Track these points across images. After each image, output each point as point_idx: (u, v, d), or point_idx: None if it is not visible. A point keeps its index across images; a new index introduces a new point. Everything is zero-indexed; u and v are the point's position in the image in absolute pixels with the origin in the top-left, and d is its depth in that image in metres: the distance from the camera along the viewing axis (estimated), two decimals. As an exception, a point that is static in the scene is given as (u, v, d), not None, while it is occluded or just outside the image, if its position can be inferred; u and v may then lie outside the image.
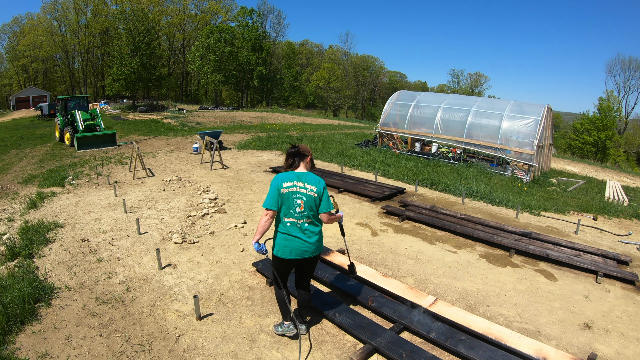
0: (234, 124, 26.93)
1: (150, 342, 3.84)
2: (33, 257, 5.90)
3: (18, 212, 8.31)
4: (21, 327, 4.17)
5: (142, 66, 39.17)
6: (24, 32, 63.99)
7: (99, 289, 4.92)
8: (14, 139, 22.38)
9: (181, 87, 68.83)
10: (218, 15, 65.58)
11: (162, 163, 13.00)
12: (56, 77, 67.55)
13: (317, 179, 3.41)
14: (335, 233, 6.45)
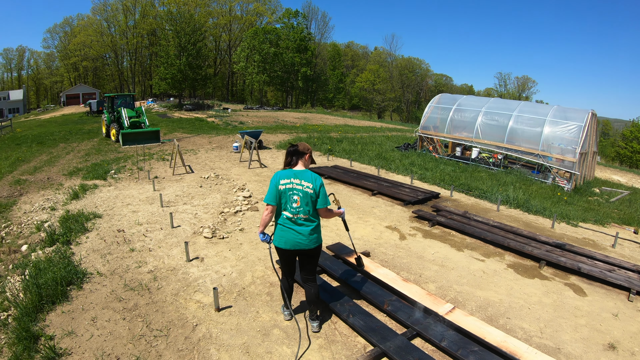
0: (277, 124, 27.77)
1: (168, 329, 4.06)
2: (70, 244, 6.45)
3: (61, 202, 9.10)
4: (52, 306, 4.58)
5: (188, 66, 41.48)
6: (75, 32, 70.64)
7: (128, 277, 5.27)
8: (62, 133, 24.54)
9: (227, 87, 72.41)
10: (263, 16, 68.91)
11: (202, 160, 13.66)
12: (105, 75, 73.58)
13: (314, 176, 3.72)
14: (363, 235, 6.58)
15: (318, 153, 14.45)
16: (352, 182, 9.78)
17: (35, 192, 10.23)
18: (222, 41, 69.26)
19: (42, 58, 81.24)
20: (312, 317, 4.04)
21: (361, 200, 8.66)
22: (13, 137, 22.70)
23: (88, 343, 3.92)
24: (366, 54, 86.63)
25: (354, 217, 7.57)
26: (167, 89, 43.79)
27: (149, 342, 3.87)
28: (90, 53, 66.98)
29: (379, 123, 39.08)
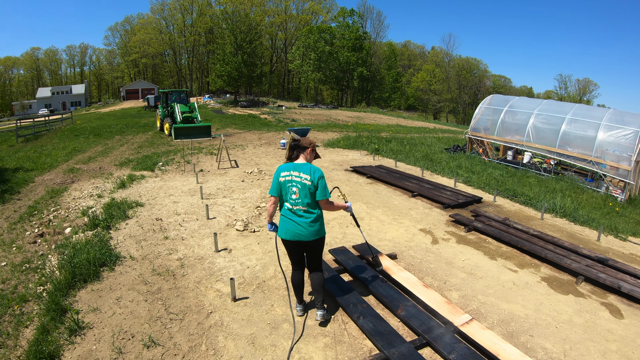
0: (328, 123, 28.43)
1: (184, 313, 4.35)
2: (110, 229, 7.10)
3: (108, 190, 10.02)
4: (84, 284, 5.10)
5: (244, 64, 44.77)
6: (135, 30, 78.40)
7: (158, 262, 5.70)
8: (119, 126, 26.91)
9: (282, 85, 76.44)
10: (319, 15, 72.68)
11: (249, 156, 14.31)
12: (164, 72, 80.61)
13: (314, 169, 3.97)
14: (394, 237, 6.60)
15: (365, 152, 14.65)
16: (394, 182, 9.86)
17: (86, 180, 11.35)
18: (278, 39, 73.46)
19: (104, 55, 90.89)
20: (316, 305, 4.21)
21: (399, 202, 8.62)
22: (72, 129, 25.28)
23: (109, 320, 4.32)
24: (423, 53, 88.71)
25: (388, 217, 7.54)
26: (223, 86, 47.04)
27: (164, 324, 4.17)
28: (150, 50, 73.89)
29: (432, 124, 39.17)
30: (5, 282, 5.46)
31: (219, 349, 3.76)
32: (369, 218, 7.46)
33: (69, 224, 7.62)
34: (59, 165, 13.65)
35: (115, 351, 3.81)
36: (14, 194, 10.00)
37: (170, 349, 3.79)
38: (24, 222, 7.93)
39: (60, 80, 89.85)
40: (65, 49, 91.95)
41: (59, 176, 12.00)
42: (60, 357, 3.82)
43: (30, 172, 12.55)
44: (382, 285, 4.74)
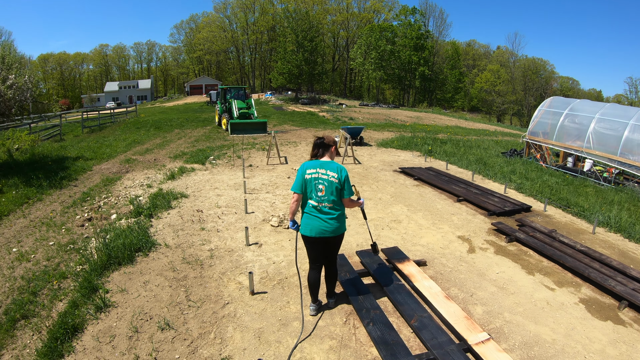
0: (386, 122, 28.75)
1: (203, 302, 4.66)
2: (152, 218, 7.73)
3: (158, 181, 10.85)
4: (118, 267, 5.65)
5: (305, 61, 46.95)
6: (199, 28, 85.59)
7: (189, 252, 6.13)
8: (180, 120, 28.84)
9: (344, 83, 79.91)
10: (380, 13, 75.64)
11: (300, 153, 14.76)
12: (227, 69, 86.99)
13: (340, 167, 4.22)
14: (429, 242, 6.55)
15: (418, 153, 14.55)
16: (440, 185, 9.76)
17: (139, 171, 12.38)
18: (340, 38, 77.42)
19: (170, 51, 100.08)
20: (328, 294, 4.64)
21: (443, 206, 8.48)
22: (135, 122, 27.53)
23: (133, 301, 4.76)
24: (488, 53, 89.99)
25: (428, 222, 7.45)
26: (284, 83, 49.67)
27: (181, 310, 4.52)
28: (213, 47, 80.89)
29: (493, 126, 38.43)
30: (50, 260, 6.20)
31: (226, 338, 4.01)
32: (407, 221, 7.42)
33: (116, 211, 8.40)
34: (117, 156, 15.00)
35: (132, 330, 4.20)
36: (72, 181, 11.18)
37: (182, 334, 4.10)
38: (76, 207, 8.87)
39: (127, 76, 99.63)
40: (133, 46, 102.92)
41: (116, 166, 13.19)
42: (83, 330, 4.30)
43: (89, 161, 13.93)
44: (402, 293, 4.75)
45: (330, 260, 4.44)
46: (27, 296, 5.15)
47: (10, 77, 10.88)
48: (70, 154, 14.98)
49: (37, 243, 6.96)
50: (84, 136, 21.77)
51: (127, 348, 3.97)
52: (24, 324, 4.69)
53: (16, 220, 8.23)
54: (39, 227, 7.69)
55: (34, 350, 4.13)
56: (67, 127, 25.93)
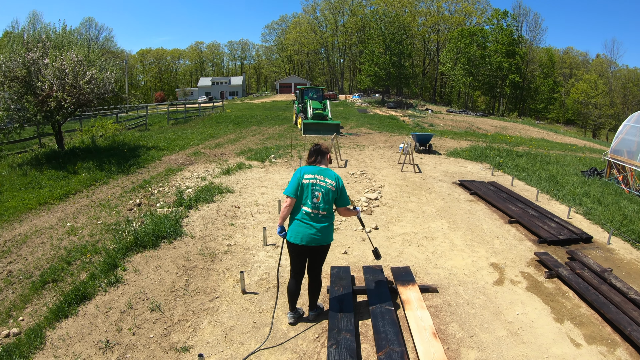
0: (467, 131, 28.03)
1: (197, 293, 5.22)
2: (190, 209, 8.59)
3: (213, 175, 11.85)
4: (142, 250, 6.47)
5: (392, 64, 48.22)
6: (290, 28, 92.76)
7: (209, 245, 6.79)
8: (261, 117, 30.57)
9: (434, 88, 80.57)
10: (472, 16, 76.06)
11: (364, 157, 15.06)
12: (317, 69, 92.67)
13: (336, 175, 4.36)
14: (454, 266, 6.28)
15: (487, 165, 13.96)
16: (495, 203, 9.21)
17: (202, 164, 13.57)
18: (431, 42, 78.92)
19: (262, 50, 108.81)
20: (310, 307, 4.71)
21: (490, 226, 8.06)
22: (219, 117, 29.73)
23: (140, 281, 5.49)
24: (586, 61, 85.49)
25: (464, 243, 7.18)
26: (370, 85, 50.91)
27: (176, 296, 5.12)
28: (303, 48, 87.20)
29: (584, 142, 35.32)
30: (92, 236, 7.25)
31: (198, 329, 4.49)
32: (442, 240, 7.27)
33: (163, 200, 9.41)
34: (189, 148, 16.52)
35: (127, 306, 4.90)
36: (139, 168, 12.64)
37: (165, 317, 4.69)
38: (133, 192, 10.09)
39: (222, 72, 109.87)
40: (227, 44, 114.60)
41: (183, 157, 14.58)
42: (91, 299, 5.12)
43: (162, 151, 15.54)
44: (385, 319, 4.60)
45: (315, 272, 4.51)
46: (62, 264, 6.16)
47: (88, 73, 12.61)
48: (146, 143, 16.80)
49: (88, 221, 8.13)
50: (167, 127, 24.13)
51: (115, 320, 4.66)
52: (51, 286, 5.65)
53: (80, 199, 9.62)
54: (95, 207, 8.94)
55: (47, 308, 4.99)
56: (156, 118, 28.82)
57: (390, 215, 8.47)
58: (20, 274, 6.04)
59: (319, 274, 4.58)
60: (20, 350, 4.22)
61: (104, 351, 4.18)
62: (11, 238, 7.31)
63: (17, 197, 9.40)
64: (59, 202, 9.32)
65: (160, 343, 4.25)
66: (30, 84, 12.18)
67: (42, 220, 8.18)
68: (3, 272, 6.13)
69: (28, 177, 10.85)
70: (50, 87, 12.04)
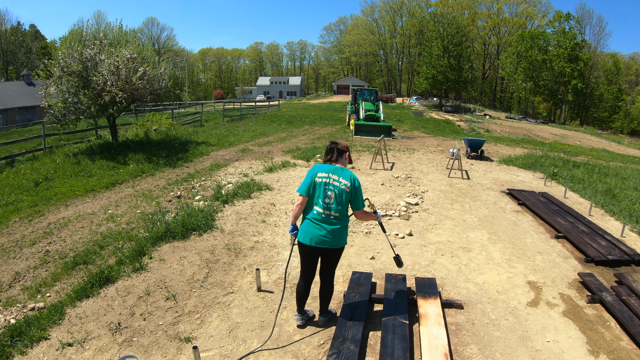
0: (523, 138, 27.17)
1: (213, 286, 5.35)
2: (226, 204, 8.83)
3: (256, 172, 12.11)
4: (171, 240, 6.75)
5: (450, 67, 47.87)
6: (348, 30, 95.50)
7: (236, 240, 6.95)
8: (315, 117, 30.87)
9: (493, 93, 79.55)
10: (533, 19, 75.06)
11: (412, 161, 14.82)
12: (375, 70, 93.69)
13: (353, 176, 4.18)
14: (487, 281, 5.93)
15: (540, 175, 13.18)
16: (543, 215, 8.60)
17: (247, 161, 13.92)
18: (491, 45, 78.48)
19: (321, 51, 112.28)
20: (320, 312, 4.58)
21: (533, 240, 7.54)
22: (273, 115, 30.36)
23: (163, 270, 5.72)
24: None
25: (502, 257, 6.77)
26: (427, 89, 50.84)
27: (193, 288, 5.28)
28: (361, 50, 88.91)
29: None
30: (129, 224, 7.65)
31: (205, 322, 4.59)
32: (478, 251, 6.93)
33: (202, 193, 9.74)
34: (238, 145, 17.00)
35: (145, 292, 5.12)
36: (186, 162, 13.18)
37: (178, 307, 4.85)
38: (175, 185, 10.53)
39: (281, 72, 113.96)
40: (286, 45, 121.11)
41: (231, 153, 15.03)
42: (114, 282, 5.41)
43: (211, 147, 16.11)
44: (396, 333, 4.36)
45: (327, 275, 4.39)
46: (95, 248, 6.55)
47: (139, 69, 13.34)
48: (197, 138, 17.49)
49: (128, 209, 8.59)
50: (222, 124, 25.00)
51: (131, 305, 4.89)
52: (81, 267, 6.02)
53: (125, 188, 10.19)
54: (137, 197, 9.42)
55: (72, 287, 5.34)
56: (212, 115, 29.94)
57: (428, 222, 8.23)
58: (56, 254, 6.51)
59: (331, 278, 4.44)
60: (40, 323, 4.55)
61: (113, 332, 4.40)
62: (55, 221, 7.90)
63: (67, 184, 10.16)
64: (104, 190, 9.95)
65: (166, 331, 4.39)
66: (86, 79, 13.14)
67: (86, 207, 8.76)
68: (41, 251, 6.64)
69: (80, 165, 11.68)
70: (105, 82, 12.94)
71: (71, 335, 4.41)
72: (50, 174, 11.22)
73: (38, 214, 8.38)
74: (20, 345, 4.27)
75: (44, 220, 8.01)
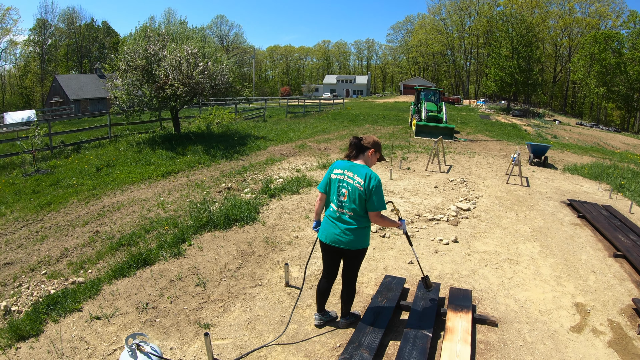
0: (592, 146, 25.83)
1: (244, 277, 5.45)
2: (273, 198, 8.97)
3: (309, 168, 12.19)
4: (213, 229, 6.98)
5: (518, 69, 45.97)
6: (415, 29, 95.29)
7: (276, 234, 7.02)
8: (378, 116, 30.60)
9: (564, 98, 76.70)
10: (606, 19, 71.30)
11: (470, 164, 14.26)
12: (442, 71, 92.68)
13: (370, 174, 3.88)
14: (529, 299, 5.47)
15: (606, 186, 12.04)
16: (603, 231, 7.75)
17: (303, 156, 14.06)
18: (563, 46, 75.49)
19: (389, 51, 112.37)
20: (342, 314, 4.46)
21: (589, 258, 6.85)
22: (336, 113, 30.43)
23: (199, 257, 5.92)
24: None
25: (551, 273, 6.21)
26: (495, 91, 48.99)
27: (223, 277, 5.41)
28: (428, 50, 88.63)
29: None
30: (177, 212, 8.00)
31: (227, 311, 4.68)
32: (526, 265, 6.45)
33: (252, 186, 9.96)
34: (297, 140, 17.23)
35: (177, 277, 5.33)
36: (242, 156, 13.56)
37: (204, 294, 4.99)
38: (228, 177, 10.86)
39: (348, 70, 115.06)
40: (353, 43, 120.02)
41: (288, 149, 15.26)
42: (150, 265, 5.69)
43: (270, 141, 16.45)
44: (416, 346, 4.10)
45: (347, 278, 4.25)
46: (141, 232, 6.92)
47: (199, 64, 13.89)
48: (257, 133, 17.93)
49: (179, 198, 8.99)
50: (284, 120, 25.45)
51: (161, 287, 5.11)
52: (125, 249, 6.39)
53: (180, 178, 10.68)
54: (190, 187, 9.83)
55: (111, 266, 5.70)
56: (276, 111, 30.58)
57: (477, 230, 7.82)
58: (105, 235, 6.96)
59: (351, 282, 4.27)
60: (76, 296, 4.91)
61: (140, 311, 4.63)
62: (109, 204, 8.45)
63: (126, 171, 10.84)
64: (160, 178, 10.49)
65: (189, 315, 4.53)
66: (150, 73, 13.93)
67: (140, 193, 9.29)
68: (92, 231, 7.14)
69: (141, 154, 12.42)
70: (167, 77, 13.66)
71: (101, 310, 4.70)
72: (111, 160, 12.08)
73: (95, 197, 9.03)
74: (54, 313, 4.64)
75: (99, 203, 8.61)
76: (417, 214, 8.49)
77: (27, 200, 9.31)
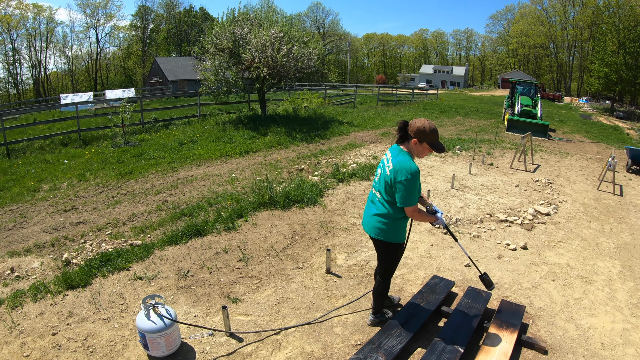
0: None
1: (288, 258, 5.34)
2: (342, 182, 8.77)
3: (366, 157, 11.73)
4: (272, 208, 7.01)
5: (625, 66, 40.81)
6: (515, 19, 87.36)
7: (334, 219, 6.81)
8: (471, 109, 28.81)
9: None
10: None
11: (560, 165, 12.86)
12: (544, 65, 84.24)
13: (402, 164, 3.40)
14: (594, 326, 4.54)
15: None
16: None
17: (383, 144, 13.63)
18: None
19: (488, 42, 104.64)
20: (372, 310, 4.14)
21: None
22: (428, 104, 29.26)
23: (250, 233, 5.95)
24: None
25: (629, 299, 4.97)
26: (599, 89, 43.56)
27: (268, 256, 5.34)
28: (529, 41, 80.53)
29: None
30: (244, 188, 8.14)
31: (260, 289, 4.59)
32: (600, 286, 5.42)
33: (323, 169, 9.83)
34: (381, 128, 16.78)
35: (223, 250, 5.39)
36: (323, 139, 13.48)
37: (244, 269, 4.97)
38: (303, 159, 10.83)
39: (445, 61, 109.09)
40: (452, 33, 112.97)
41: (370, 136, 14.91)
42: (203, 236, 5.84)
43: (354, 127, 16.19)
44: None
45: (376, 271, 3.96)
46: (205, 204, 7.12)
47: (283, 48, 13.90)
48: (343, 118, 17.75)
49: (250, 175, 9.15)
50: (374, 108, 24.99)
51: (207, 258, 5.23)
52: (186, 219, 6.62)
53: (256, 157, 10.89)
54: (264, 166, 9.96)
55: (166, 233, 5.93)
56: (367, 98, 30.14)
57: (553, 238, 6.88)
58: (171, 205, 7.29)
59: (381, 274, 3.88)
60: (127, 256, 5.19)
61: (179, 277, 4.76)
62: (184, 177, 8.84)
63: (207, 147, 11.31)
64: (237, 156, 10.79)
65: (222, 288, 4.53)
66: (237, 55, 14.30)
67: (215, 168, 9.61)
68: (161, 200, 7.52)
69: (225, 133, 12.89)
70: (252, 59, 13.91)
71: (145, 272, 4.91)
72: (195, 137, 12.72)
73: (172, 170, 9.53)
74: (104, 269, 4.94)
75: (174, 176, 9.07)
76: (489, 213, 7.73)
77: (111, 169, 10.13)
